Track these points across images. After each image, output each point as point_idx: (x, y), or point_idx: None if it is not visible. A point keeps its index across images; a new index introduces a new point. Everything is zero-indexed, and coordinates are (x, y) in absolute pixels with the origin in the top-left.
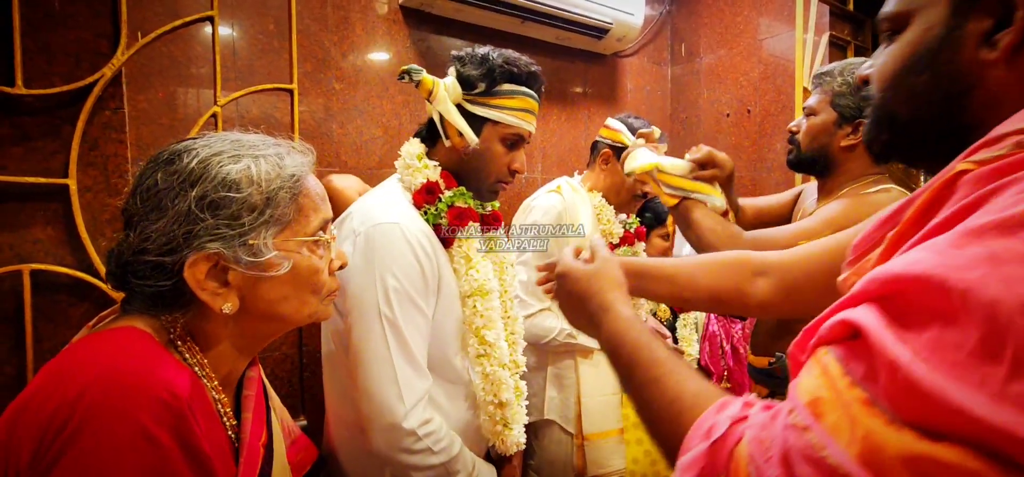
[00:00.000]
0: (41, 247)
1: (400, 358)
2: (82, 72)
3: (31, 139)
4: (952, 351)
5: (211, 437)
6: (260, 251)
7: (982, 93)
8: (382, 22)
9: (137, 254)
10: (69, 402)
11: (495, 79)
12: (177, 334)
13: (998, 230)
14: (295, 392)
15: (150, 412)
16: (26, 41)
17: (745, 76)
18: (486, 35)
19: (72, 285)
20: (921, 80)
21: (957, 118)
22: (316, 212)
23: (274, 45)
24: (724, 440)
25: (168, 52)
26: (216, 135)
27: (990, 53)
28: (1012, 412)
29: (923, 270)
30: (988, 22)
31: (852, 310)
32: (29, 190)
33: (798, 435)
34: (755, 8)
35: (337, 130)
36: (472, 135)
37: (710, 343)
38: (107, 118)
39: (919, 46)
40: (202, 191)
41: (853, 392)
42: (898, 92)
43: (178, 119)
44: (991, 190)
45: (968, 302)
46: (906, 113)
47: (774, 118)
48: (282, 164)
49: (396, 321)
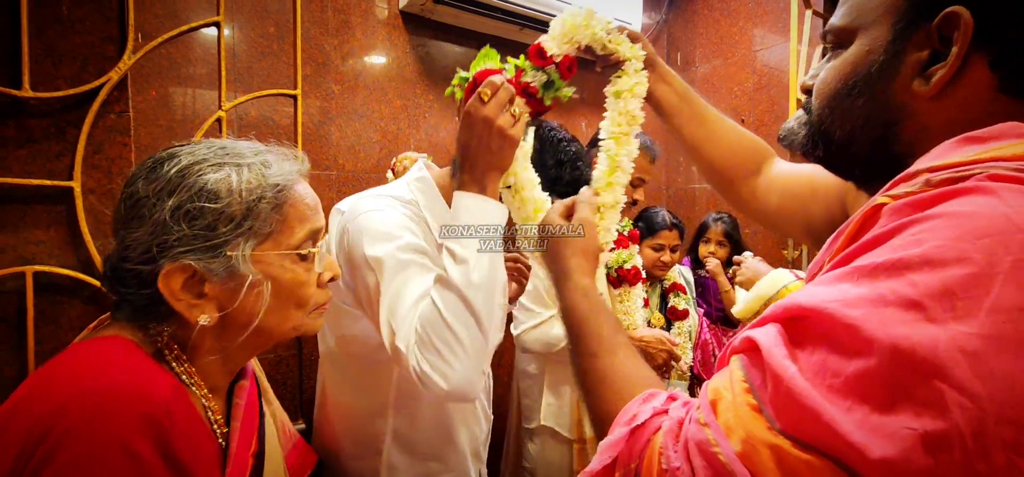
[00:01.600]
0: (44, 249)
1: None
2: (88, 76)
3: (36, 142)
4: (831, 376)
5: (197, 447)
6: (237, 263)
7: (913, 125)
8: (382, 27)
9: (120, 261)
10: (49, 415)
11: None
12: (164, 343)
13: (888, 271)
14: (294, 395)
15: (131, 426)
16: (34, 45)
17: (740, 86)
18: (485, 42)
19: (74, 287)
20: (858, 104)
21: (890, 145)
22: (303, 223)
23: (274, 48)
24: (644, 428)
25: (168, 54)
26: (206, 142)
27: (923, 86)
28: (871, 437)
29: (819, 302)
30: (924, 53)
31: (759, 329)
32: (33, 192)
33: (698, 429)
34: (750, 19)
35: (335, 133)
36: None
37: (702, 351)
38: (112, 121)
39: (859, 67)
40: (178, 201)
41: (746, 397)
42: (834, 112)
43: (178, 121)
44: (895, 227)
45: (852, 337)
46: (840, 134)
47: (768, 127)
48: (267, 173)
49: (409, 265)
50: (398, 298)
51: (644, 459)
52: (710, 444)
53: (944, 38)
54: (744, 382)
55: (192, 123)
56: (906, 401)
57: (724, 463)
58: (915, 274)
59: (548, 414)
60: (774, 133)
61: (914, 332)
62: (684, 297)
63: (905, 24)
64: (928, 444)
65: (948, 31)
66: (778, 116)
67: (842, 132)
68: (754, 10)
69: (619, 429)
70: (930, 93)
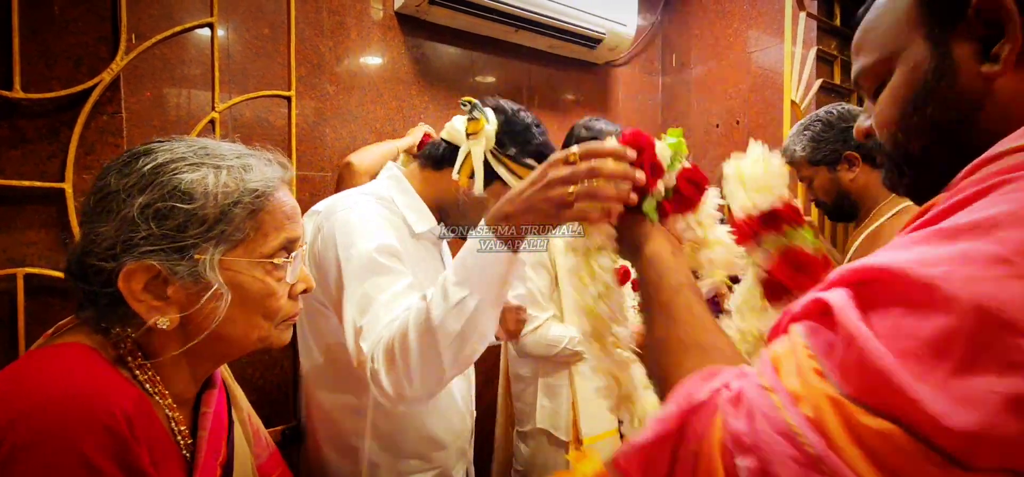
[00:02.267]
0: (35, 251)
1: (376, 290)
2: (81, 76)
3: (28, 142)
4: (906, 338)
5: (161, 458)
6: (203, 268)
7: (992, 108)
8: (377, 28)
9: (83, 255)
10: (1, 429)
11: (527, 153)
12: (127, 349)
13: (971, 231)
14: (287, 398)
15: (92, 439)
16: (26, 45)
17: (734, 87)
18: (480, 43)
19: (66, 289)
20: (927, 113)
21: (971, 139)
22: (279, 231)
23: (268, 49)
24: (703, 406)
25: (162, 55)
26: (187, 140)
27: (993, 67)
28: (947, 404)
29: (894, 262)
30: (975, 42)
31: (828, 292)
32: (25, 193)
33: (763, 395)
34: (745, 21)
35: (330, 134)
36: (481, 187)
37: None
38: (104, 122)
39: (914, 85)
40: (149, 198)
41: (810, 362)
42: (906, 131)
43: (171, 121)
44: (977, 192)
45: (931, 296)
46: (918, 148)
47: (763, 129)
48: (246, 177)
49: (382, 269)
50: (367, 300)
51: (706, 432)
52: (777, 409)
53: (989, 21)
54: (807, 348)
55: (186, 124)
56: (990, 362)
57: (793, 428)
58: (1004, 231)
59: (543, 417)
60: (769, 134)
61: (1002, 290)
62: None
63: (938, 28)
64: (1016, 407)
65: (989, 11)
66: (773, 118)
67: (919, 145)
68: (749, 12)
69: (676, 405)
70: (1002, 71)
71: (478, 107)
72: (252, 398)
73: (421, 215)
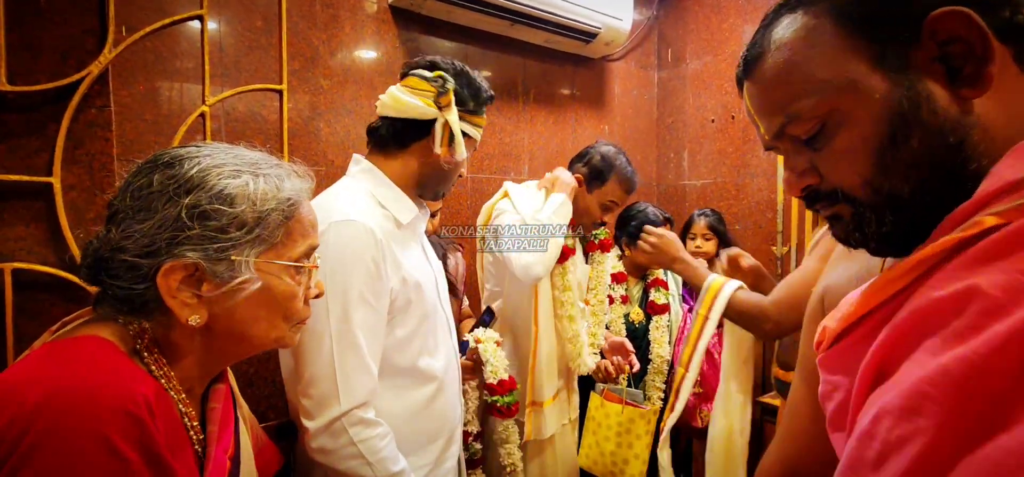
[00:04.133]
0: (24, 246)
1: (345, 354)
2: (68, 69)
3: (15, 136)
4: None
5: (176, 450)
6: (239, 268)
7: (980, 134)
8: (371, 21)
9: (115, 251)
10: (26, 414)
11: (480, 102)
12: (144, 344)
13: None
14: (280, 393)
15: (115, 425)
16: (11, 37)
17: (730, 82)
18: (475, 37)
19: (54, 284)
20: (913, 145)
21: (967, 167)
22: (304, 238)
23: (261, 42)
24: None
25: (152, 47)
26: (219, 146)
27: (974, 90)
28: None
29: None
30: (938, 64)
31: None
32: (12, 188)
33: None
34: (741, 16)
35: (324, 128)
36: (462, 150)
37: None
38: (93, 116)
39: (884, 120)
40: (196, 200)
41: None
42: (888, 174)
43: (162, 115)
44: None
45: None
46: (909, 189)
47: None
48: (281, 186)
49: (349, 319)
50: (334, 363)
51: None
52: None
53: (943, 42)
54: None
55: (177, 118)
56: None
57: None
58: None
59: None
60: None
61: None
62: (664, 292)
63: (890, 54)
64: None
65: (945, 33)
66: None
67: (911, 184)
68: (744, 7)
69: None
70: (982, 92)
71: (446, 79)
72: (246, 393)
73: (403, 205)
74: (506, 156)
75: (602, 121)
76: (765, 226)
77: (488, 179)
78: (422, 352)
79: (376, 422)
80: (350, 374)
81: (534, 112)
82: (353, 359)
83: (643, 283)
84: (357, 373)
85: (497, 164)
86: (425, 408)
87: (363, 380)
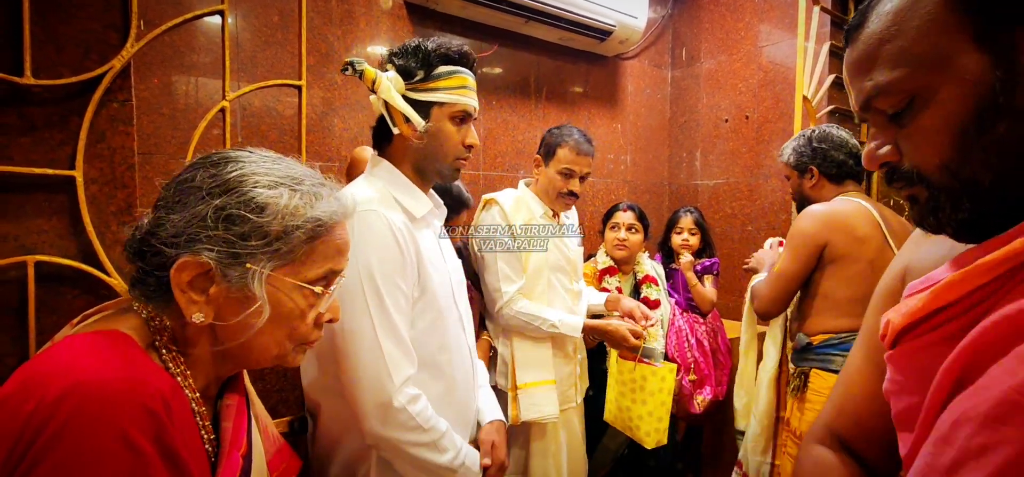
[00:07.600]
0: (46, 239)
1: (387, 338)
2: (91, 63)
3: (38, 129)
4: None
5: (190, 446)
6: (251, 278)
7: None
8: (386, 17)
9: (148, 235)
10: (48, 406)
11: (431, 64)
12: (163, 341)
13: None
14: (294, 388)
15: (133, 419)
16: (35, 31)
17: (744, 82)
18: (489, 33)
19: (76, 277)
20: (997, 134)
21: None
22: (326, 261)
23: (278, 37)
24: None
25: (171, 42)
26: (271, 155)
27: None
28: None
29: None
30: None
31: None
32: (35, 181)
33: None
34: (757, 15)
35: (338, 124)
36: (418, 118)
37: (677, 336)
38: (115, 110)
39: (973, 102)
40: (225, 202)
41: None
42: (970, 160)
43: (179, 109)
44: None
45: None
46: (989, 176)
47: (772, 125)
48: (314, 205)
49: (382, 300)
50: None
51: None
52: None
53: None
54: None
55: (194, 112)
56: None
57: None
58: None
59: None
60: (779, 130)
61: None
62: (655, 288)
63: (995, 29)
64: None
65: None
66: (783, 113)
67: (991, 172)
68: (761, 5)
69: None
70: None
71: (353, 64)
72: (258, 388)
73: (416, 199)
74: (518, 153)
75: (614, 119)
76: (779, 228)
77: (500, 177)
78: (440, 348)
79: (419, 393)
80: (394, 352)
81: (546, 109)
82: (393, 339)
83: (633, 278)
84: (399, 352)
85: (509, 161)
86: (438, 400)
87: (405, 360)
